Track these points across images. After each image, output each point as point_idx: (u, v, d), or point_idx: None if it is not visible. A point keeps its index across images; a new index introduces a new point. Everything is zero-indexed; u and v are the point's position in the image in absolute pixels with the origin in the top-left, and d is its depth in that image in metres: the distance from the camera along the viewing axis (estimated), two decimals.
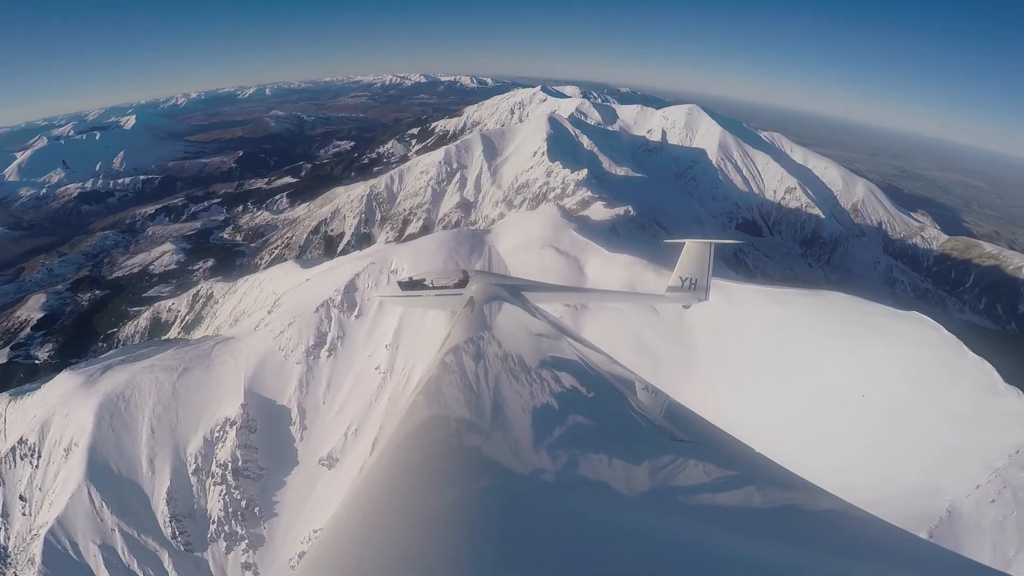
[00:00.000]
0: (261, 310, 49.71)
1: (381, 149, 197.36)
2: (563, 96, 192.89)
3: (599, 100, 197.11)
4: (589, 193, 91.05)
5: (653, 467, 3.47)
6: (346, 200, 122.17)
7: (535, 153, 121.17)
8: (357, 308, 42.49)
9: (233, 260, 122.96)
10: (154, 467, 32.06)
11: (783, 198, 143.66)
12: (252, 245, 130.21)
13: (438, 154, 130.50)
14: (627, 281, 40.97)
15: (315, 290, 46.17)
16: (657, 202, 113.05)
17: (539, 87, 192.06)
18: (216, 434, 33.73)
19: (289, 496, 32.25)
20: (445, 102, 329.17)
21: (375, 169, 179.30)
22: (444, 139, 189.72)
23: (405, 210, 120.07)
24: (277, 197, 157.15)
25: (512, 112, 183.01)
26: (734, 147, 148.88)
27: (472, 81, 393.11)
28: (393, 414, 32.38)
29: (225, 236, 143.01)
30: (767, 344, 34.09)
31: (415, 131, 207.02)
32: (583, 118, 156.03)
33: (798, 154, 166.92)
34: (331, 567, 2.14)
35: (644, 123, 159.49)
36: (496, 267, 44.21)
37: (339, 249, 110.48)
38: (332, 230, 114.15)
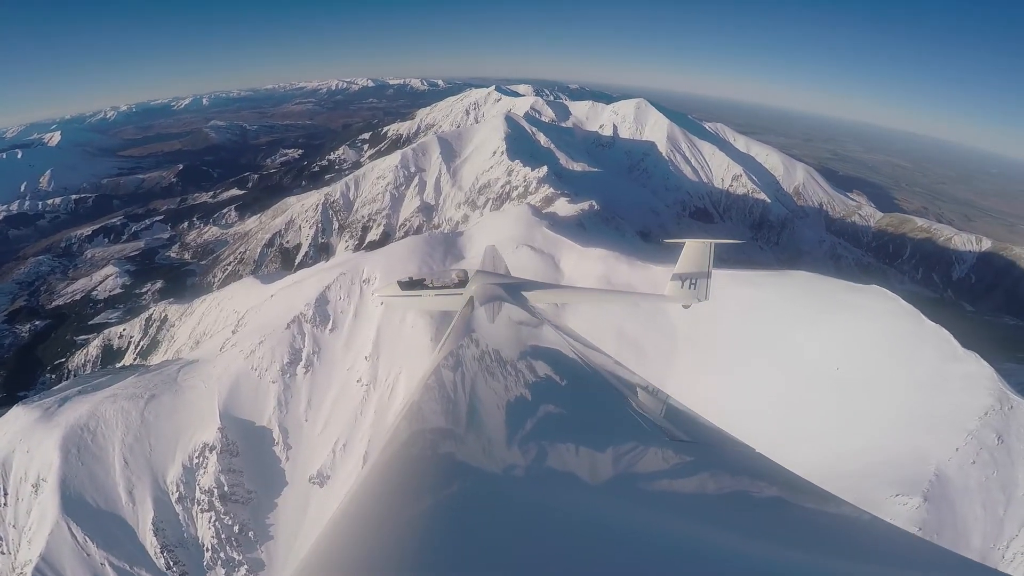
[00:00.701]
0: (224, 330, 47.75)
1: (332, 156, 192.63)
2: (517, 95, 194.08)
3: (552, 97, 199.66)
4: (551, 190, 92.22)
5: (653, 467, 3.46)
6: (300, 210, 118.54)
7: (494, 153, 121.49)
8: (331, 321, 41.48)
9: (183, 280, 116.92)
10: (134, 498, 30.38)
11: (730, 185, 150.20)
12: (202, 263, 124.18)
13: (394, 158, 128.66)
14: (602, 274, 41.85)
15: (283, 306, 44.75)
16: (614, 195, 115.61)
17: (493, 87, 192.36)
18: (195, 460, 32.29)
19: (283, 518, 31.25)
20: (395, 106, 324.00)
21: (327, 177, 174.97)
22: (398, 143, 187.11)
23: (364, 217, 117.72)
24: (225, 211, 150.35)
25: (467, 113, 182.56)
26: (682, 138, 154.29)
27: (422, 83, 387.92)
28: (384, 424, 31.91)
29: (172, 255, 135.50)
30: (743, 325, 35.57)
31: (366, 136, 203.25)
32: (538, 116, 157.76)
33: (741, 143, 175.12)
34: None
35: (596, 118, 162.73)
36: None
37: (297, 261, 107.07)
38: (288, 242, 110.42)
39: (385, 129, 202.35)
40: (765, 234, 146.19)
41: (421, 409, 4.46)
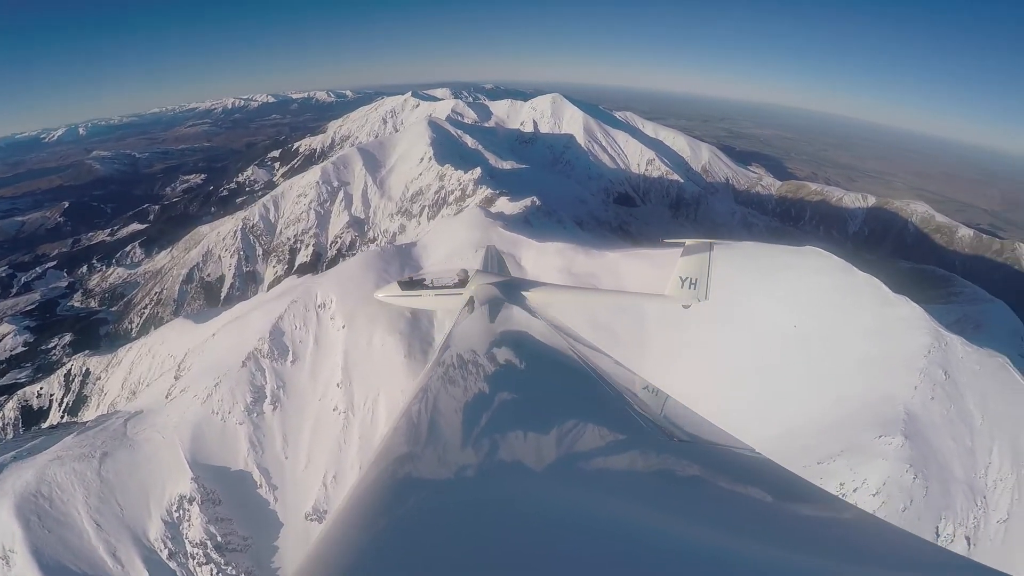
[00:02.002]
0: (164, 377, 43.61)
1: (240, 178, 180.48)
2: (435, 99, 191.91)
3: (471, 99, 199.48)
4: (489, 191, 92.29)
5: (653, 467, 3.50)
6: (216, 239, 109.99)
7: (422, 159, 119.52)
8: (291, 353, 38.89)
9: (95, 330, 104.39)
10: (120, 560, 27.14)
11: (646, 170, 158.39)
12: (113, 309, 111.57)
13: (313, 174, 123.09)
14: (563, 267, 42.51)
15: (230, 344, 41.42)
16: (544, 189, 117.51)
17: (409, 93, 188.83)
18: (176, 514, 29.37)
19: (287, 559, 29.16)
20: (302, 120, 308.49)
21: (239, 200, 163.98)
22: (312, 158, 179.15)
23: (289, 239, 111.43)
24: (128, 249, 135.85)
25: (385, 121, 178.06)
26: (597, 129, 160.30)
27: (329, 95, 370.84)
28: (373, 449, 30.53)
29: (76, 304, 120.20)
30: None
31: (276, 154, 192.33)
32: (460, 118, 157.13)
33: (649, 128, 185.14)
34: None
35: (516, 116, 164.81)
36: None
37: (223, 295, 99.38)
38: (208, 275, 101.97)
39: (296, 145, 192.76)
40: (683, 212, 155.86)
41: (421, 409, 4.51)
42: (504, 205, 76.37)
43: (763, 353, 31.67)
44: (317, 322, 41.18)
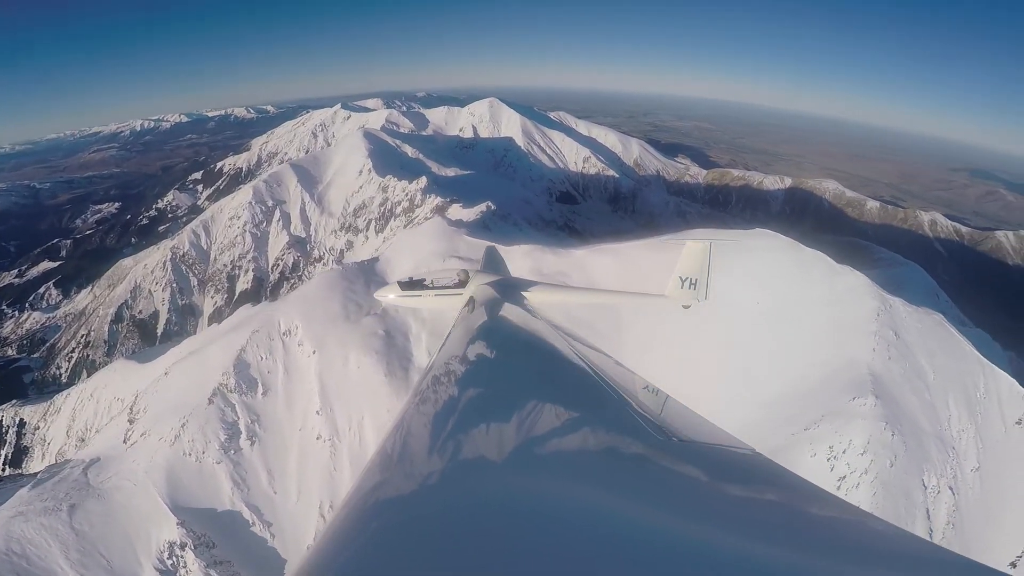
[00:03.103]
0: (115, 421, 40.22)
1: (160, 204, 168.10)
2: (367, 110, 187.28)
3: (404, 108, 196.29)
4: (439, 199, 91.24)
5: (653, 467, 3.52)
6: (144, 272, 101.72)
7: (360, 172, 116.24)
8: (260, 385, 36.70)
9: (18, 379, 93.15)
10: None
11: (583, 167, 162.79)
12: (35, 356, 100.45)
13: (244, 195, 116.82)
14: (533, 268, 42.79)
15: (188, 382, 38.59)
16: (492, 193, 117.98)
17: (338, 105, 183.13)
18: (169, 561, 27.13)
19: None
20: (221, 139, 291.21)
21: (161, 228, 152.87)
22: (238, 178, 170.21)
23: (226, 266, 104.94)
24: (41, 290, 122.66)
25: (315, 135, 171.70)
26: (534, 130, 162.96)
27: (249, 111, 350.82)
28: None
29: None
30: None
31: (198, 176, 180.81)
32: (396, 128, 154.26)
33: (582, 127, 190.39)
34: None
35: (454, 123, 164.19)
36: None
37: (159, 332, 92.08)
38: (140, 312, 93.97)
39: (219, 165, 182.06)
40: (622, 206, 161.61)
41: (420, 409, 4.54)
42: (459, 212, 75.90)
43: (733, 332, 33.27)
44: (284, 350, 39.12)
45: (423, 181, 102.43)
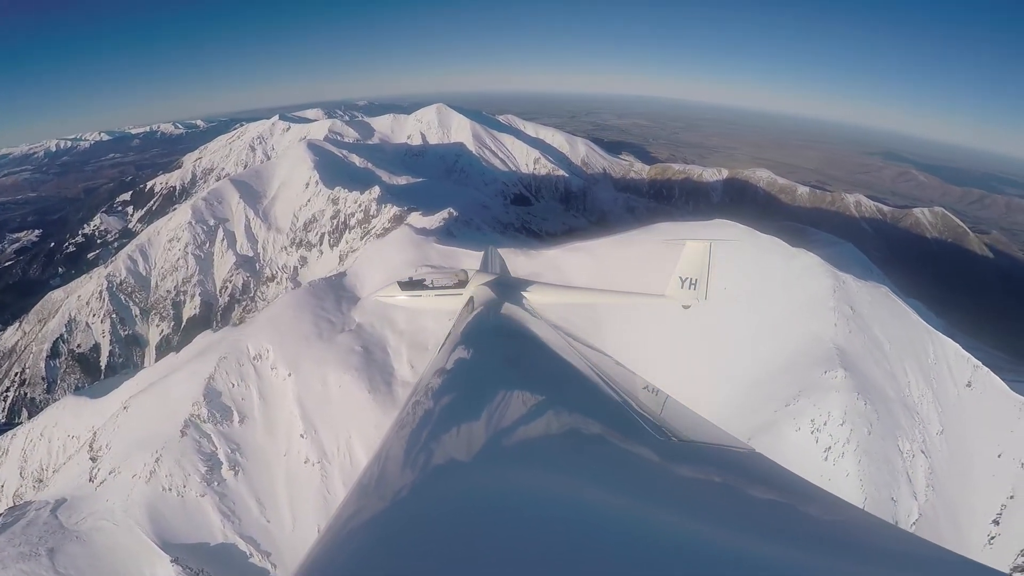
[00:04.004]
0: (74, 460, 37.45)
1: (87, 229, 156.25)
2: (307, 120, 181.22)
3: (347, 117, 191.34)
4: (396, 208, 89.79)
5: (653, 467, 3.52)
6: (78, 304, 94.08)
7: (307, 184, 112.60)
8: (235, 413, 34.92)
9: None
10: None
11: (534, 168, 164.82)
12: None
13: (183, 214, 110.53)
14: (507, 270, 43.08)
15: (153, 415, 36.23)
16: (448, 199, 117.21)
17: (276, 116, 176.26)
18: None
19: None
20: (148, 157, 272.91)
21: (90, 256, 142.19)
22: (172, 198, 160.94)
23: (169, 291, 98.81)
24: None
25: (253, 149, 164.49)
26: (484, 134, 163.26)
27: (176, 127, 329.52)
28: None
29: None
30: (640, 281, 40.14)
31: (126, 197, 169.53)
32: (340, 138, 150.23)
33: (530, 128, 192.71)
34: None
35: (401, 130, 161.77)
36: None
37: (103, 365, 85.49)
38: (79, 346, 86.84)
39: (149, 184, 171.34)
40: (574, 204, 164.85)
41: (420, 408, 4.59)
42: (420, 220, 75.00)
43: (713, 318, 34.69)
44: (257, 376, 37.36)
45: (376, 191, 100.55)
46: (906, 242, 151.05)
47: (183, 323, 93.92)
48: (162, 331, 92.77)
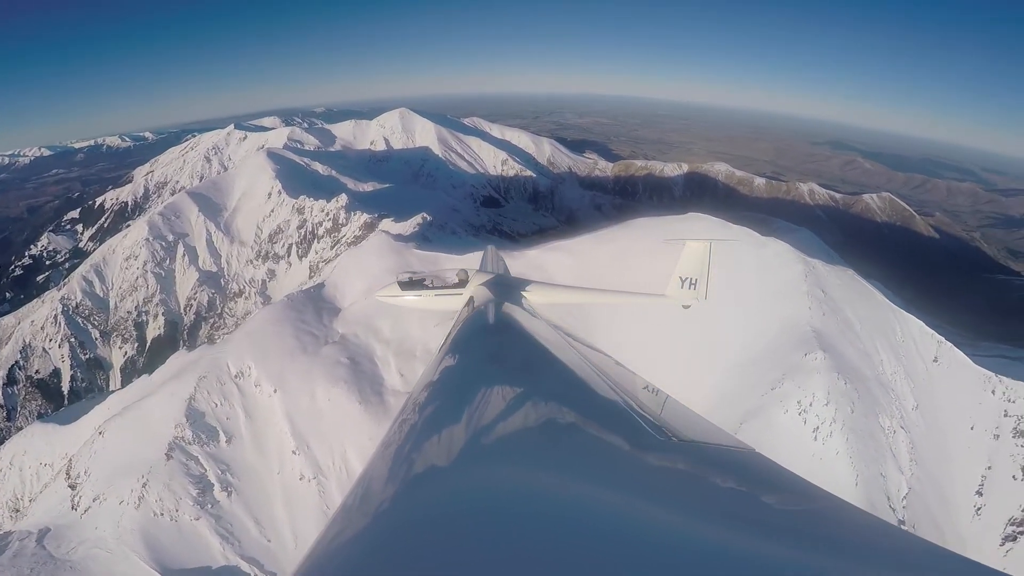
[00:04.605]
0: (51, 488, 35.78)
1: (34, 250, 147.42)
2: (264, 129, 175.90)
3: (305, 125, 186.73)
4: (366, 215, 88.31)
5: (653, 467, 3.52)
6: (32, 330, 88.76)
7: (270, 194, 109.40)
8: (222, 433, 33.85)
9: None
10: None
11: (502, 170, 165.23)
12: None
13: (138, 231, 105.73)
14: None
15: (133, 439, 34.77)
16: (416, 204, 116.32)
17: (231, 125, 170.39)
18: None
19: None
20: (94, 172, 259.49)
21: (39, 279, 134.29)
22: (124, 214, 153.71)
23: (130, 312, 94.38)
24: None
25: (208, 160, 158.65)
26: (450, 138, 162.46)
27: (123, 140, 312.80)
28: None
29: None
30: (621, 277, 40.95)
31: (75, 214, 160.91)
32: (301, 146, 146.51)
33: (496, 130, 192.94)
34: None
35: (364, 136, 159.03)
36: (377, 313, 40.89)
37: (66, 390, 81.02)
38: (37, 372, 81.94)
39: (99, 201, 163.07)
40: (542, 204, 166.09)
41: (419, 409, 4.59)
42: (393, 226, 74.11)
43: (689, 310, 35.77)
44: (241, 394, 36.38)
45: (343, 199, 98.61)
46: (858, 227, 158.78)
47: (147, 344, 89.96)
48: (126, 353, 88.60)
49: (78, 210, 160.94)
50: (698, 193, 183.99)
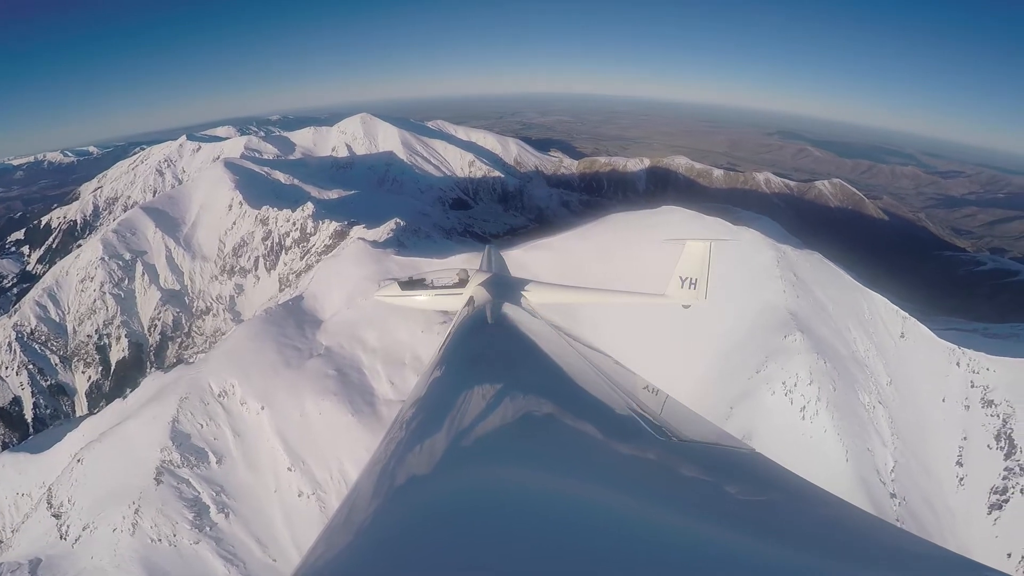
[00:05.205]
0: (33, 518, 34.26)
1: None
2: (218, 139, 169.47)
3: (262, 133, 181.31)
4: (336, 223, 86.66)
5: (653, 467, 3.51)
6: None
7: (231, 206, 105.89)
8: (211, 455, 32.86)
9: None
10: None
11: (469, 172, 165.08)
12: None
13: (91, 251, 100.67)
14: None
15: (116, 465, 33.36)
16: (385, 210, 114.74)
17: (183, 136, 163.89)
18: None
19: None
20: (37, 190, 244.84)
21: None
22: (75, 233, 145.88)
23: (91, 336, 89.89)
24: None
25: (160, 173, 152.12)
26: (415, 141, 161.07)
27: (65, 155, 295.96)
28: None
29: None
30: (604, 273, 41.73)
31: (19, 235, 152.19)
32: (259, 155, 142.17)
33: (461, 132, 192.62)
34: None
35: (324, 143, 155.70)
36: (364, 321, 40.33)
37: (30, 418, 76.63)
38: None
39: (44, 220, 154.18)
40: (512, 204, 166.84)
41: (419, 409, 4.58)
42: (366, 234, 73.09)
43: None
44: (226, 413, 35.38)
45: (309, 207, 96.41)
46: (813, 212, 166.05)
47: (112, 367, 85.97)
48: (90, 377, 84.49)
49: (23, 231, 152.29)
50: (661, 187, 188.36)
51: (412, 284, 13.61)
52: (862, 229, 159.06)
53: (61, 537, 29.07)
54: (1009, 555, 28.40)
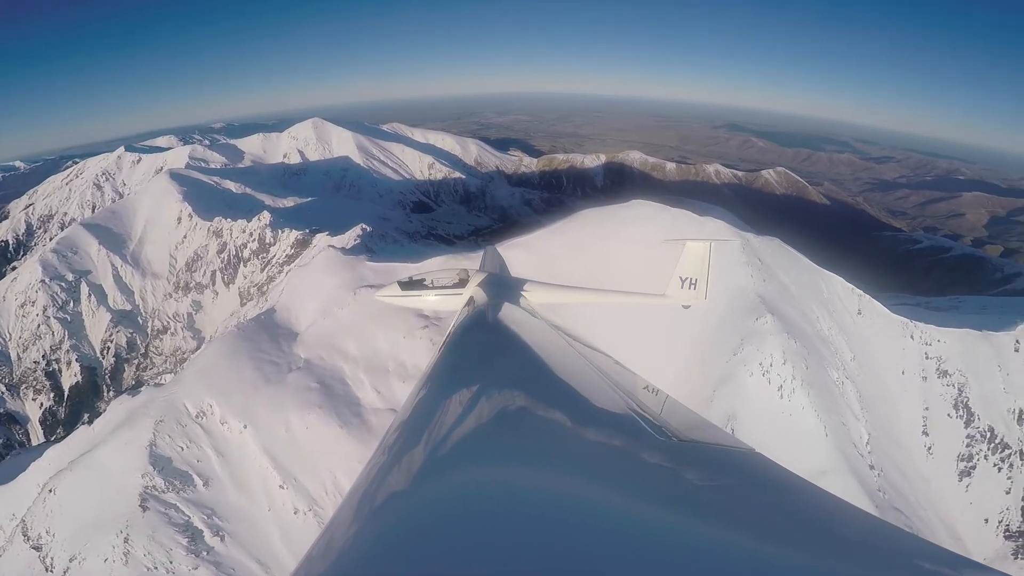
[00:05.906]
0: (12, 552, 32.41)
1: None
2: (160, 149, 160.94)
3: (207, 142, 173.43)
4: (297, 232, 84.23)
5: (653, 467, 3.51)
6: None
7: (180, 219, 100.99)
8: (196, 477, 31.66)
9: None
10: None
11: (429, 174, 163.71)
12: None
13: (30, 273, 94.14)
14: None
15: (93, 495, 31.72)
16: (345, 216, 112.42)
17: (121, 148, 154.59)
18: None
19: None
20: None
21: None
22: (7, 254, 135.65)
23: (37, 363, 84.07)
24: None
25: (99, 187, 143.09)
26: (370, 145, 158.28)
27: None
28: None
29: None
30: (581, 265, 42.58)
31: None
32: (206, 164, 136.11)
33: (418, 134, 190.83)
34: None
35: (275, 150, 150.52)
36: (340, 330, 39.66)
37: None
38: None
39: None
40: (474, 204, 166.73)
41: (419, 410, 4.57)
42: (332, 241, 71.58)
43: (644, 290, 38.18)
44: (207, 434, 34.23)
45: (265, 216, 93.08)
46: (761, 200, 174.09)
47: (66, 393, 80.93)
48: (42, 404, 79.31)
49: None
50: (618, 181, 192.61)
51: (412, 284, 13.52)
52: (807, 214, 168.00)
53: (47, 569, 27.59)
54: (986, 520, 30.42)
